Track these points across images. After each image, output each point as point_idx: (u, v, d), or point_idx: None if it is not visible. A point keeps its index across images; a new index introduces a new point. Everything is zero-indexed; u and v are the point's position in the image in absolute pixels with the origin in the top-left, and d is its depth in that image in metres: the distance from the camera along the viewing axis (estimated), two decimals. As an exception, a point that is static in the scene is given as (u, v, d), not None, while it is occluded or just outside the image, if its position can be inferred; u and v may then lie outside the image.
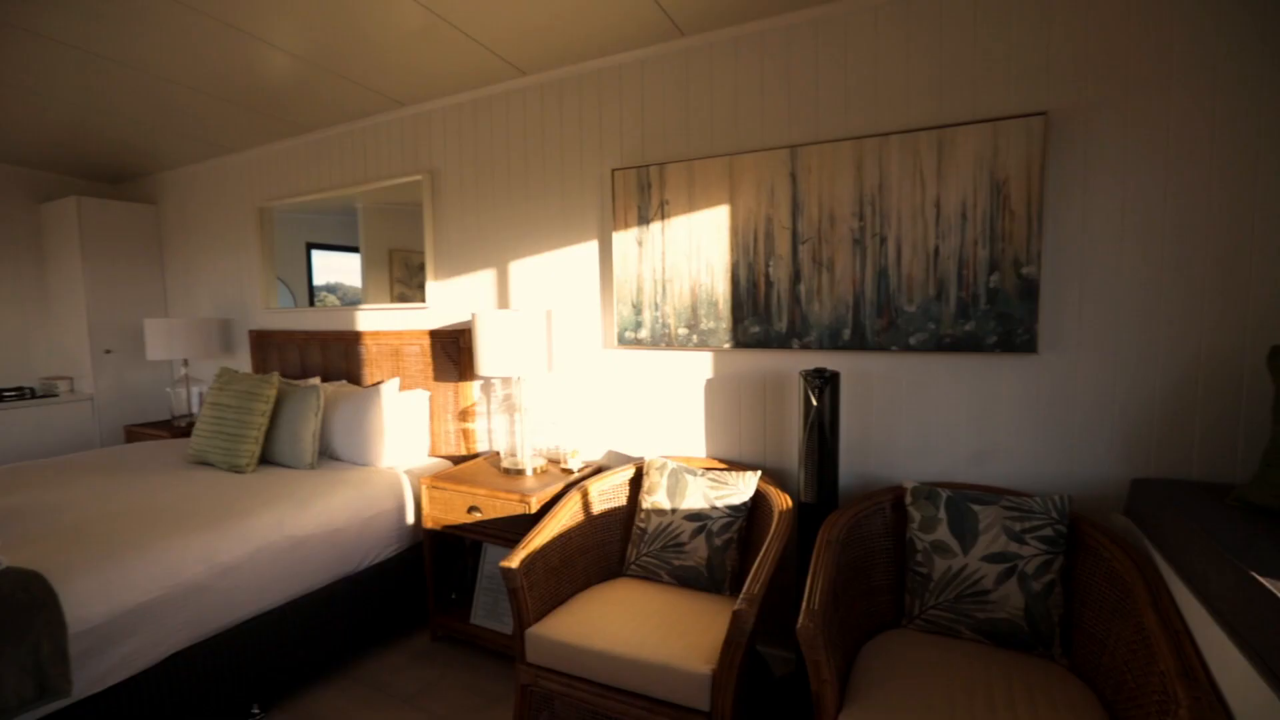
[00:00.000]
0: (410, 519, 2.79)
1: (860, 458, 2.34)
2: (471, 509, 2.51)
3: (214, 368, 4.33)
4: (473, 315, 2.65)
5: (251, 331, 3.97)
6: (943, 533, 1.92)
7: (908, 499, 2.02)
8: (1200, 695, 1.23)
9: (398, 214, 3.31)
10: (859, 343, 2.24)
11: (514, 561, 1.94)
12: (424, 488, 2.63)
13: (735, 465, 2.48)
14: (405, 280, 3.35)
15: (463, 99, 3.04)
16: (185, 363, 4.14)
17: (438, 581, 2.76)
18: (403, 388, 3.25)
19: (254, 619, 2.20)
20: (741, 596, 1.71)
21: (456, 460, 3.12)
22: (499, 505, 2.45)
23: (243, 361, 4.16)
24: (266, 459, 2.98)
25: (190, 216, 4.33)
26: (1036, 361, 2.06)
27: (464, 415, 3.11)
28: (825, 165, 2.24)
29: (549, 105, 2.82)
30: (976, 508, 1.92)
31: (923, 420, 2.24)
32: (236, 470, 2.83)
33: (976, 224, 2.05)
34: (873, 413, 2.30)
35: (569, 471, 2.67)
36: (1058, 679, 1.66)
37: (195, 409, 4.13)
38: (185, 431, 3.87)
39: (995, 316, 2.05)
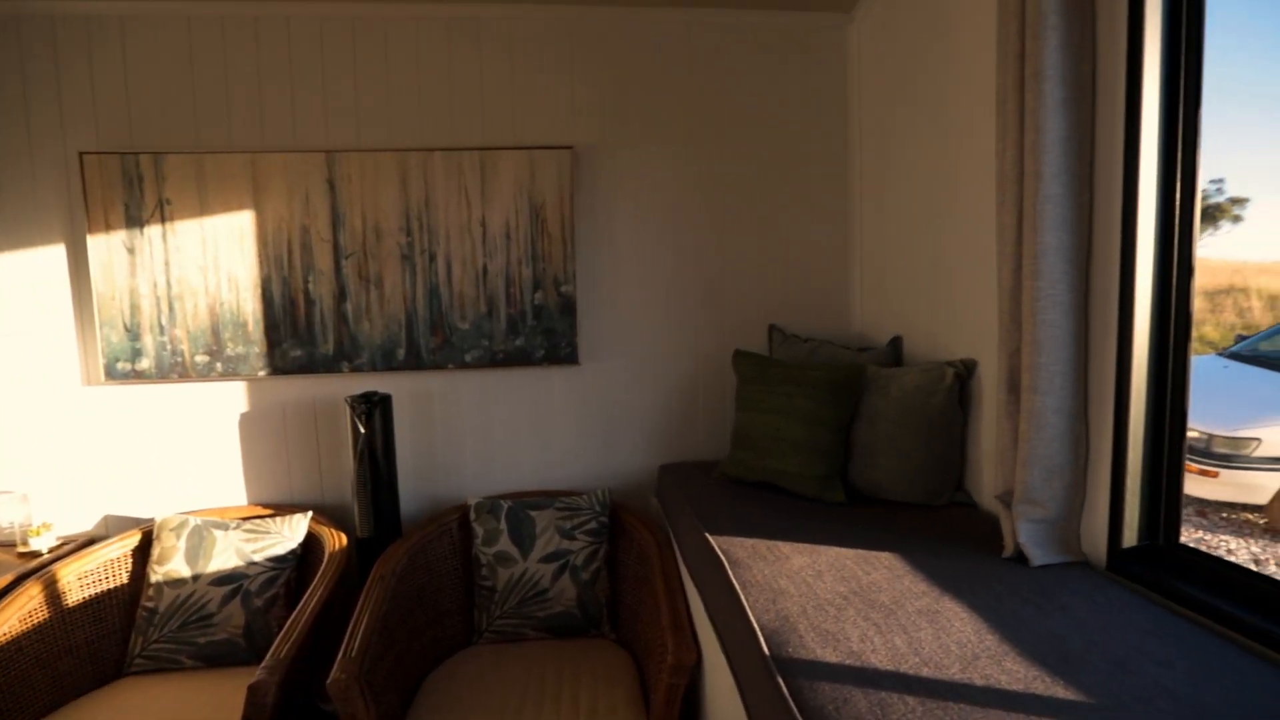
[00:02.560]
0: None
1: (427, 480, 2.26)
2: None
3: None
4: None
5: None
6: (504, 543, 1.97)
7: (472, 515, 2.02)
8: (682, 641, 1.50)
9: None
10: (415, 362, 2.16)
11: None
12: None
13: (285, 509, 2.15)
14: None
15: None
16: None
17: None
18: None
19: None
20: (262, 665, 1.45)
21: None
22: (-118, 632, 1.63)
23: None
24: None
25: None
26: (580, 371, 2.29)
27: None
28: (368, 175, 2.09)
29: (-31, 52, 2.01)
30: (534, 513, 2.02)
31: (487, 435, 2.28)
32: None
33: (520, 244, 2.17)
34: (436, 432, 2.25)
35: (35, 554, 1.95)
36: (605, 652, 1.85)
37: None
38: None
39: (542, 331, 2.20)
